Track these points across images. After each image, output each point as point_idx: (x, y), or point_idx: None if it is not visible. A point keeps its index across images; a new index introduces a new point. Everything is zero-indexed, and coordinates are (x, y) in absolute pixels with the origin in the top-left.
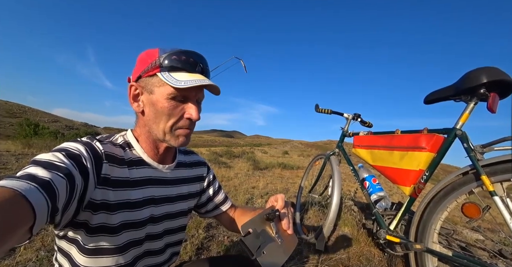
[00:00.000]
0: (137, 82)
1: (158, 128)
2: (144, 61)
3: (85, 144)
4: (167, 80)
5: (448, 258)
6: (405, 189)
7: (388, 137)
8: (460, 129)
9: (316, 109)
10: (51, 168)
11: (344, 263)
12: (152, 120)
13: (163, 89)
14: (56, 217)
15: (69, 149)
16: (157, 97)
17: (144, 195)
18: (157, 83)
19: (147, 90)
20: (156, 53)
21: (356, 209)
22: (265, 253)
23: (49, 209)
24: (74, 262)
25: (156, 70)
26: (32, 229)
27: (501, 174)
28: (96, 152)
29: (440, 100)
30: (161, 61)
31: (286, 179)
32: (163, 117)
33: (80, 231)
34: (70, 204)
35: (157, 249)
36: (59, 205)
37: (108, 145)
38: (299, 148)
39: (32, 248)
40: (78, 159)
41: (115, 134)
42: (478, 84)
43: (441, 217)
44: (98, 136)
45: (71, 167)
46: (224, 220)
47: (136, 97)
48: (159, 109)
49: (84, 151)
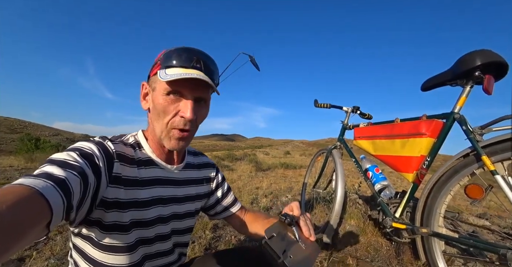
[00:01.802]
0: (147, 82)
1: (157, 127)
2: (154, 61)
3: (98, 143)
4: (159, 76)
5: (455, 240)
6: (408, 175)
7: (388, 126)
8: (458, 113)
9: (315, 104)
10: (66, 167)
11: (352, 255)
12: (155, 118)
13: (160, 85)
14: (71, 214)
15: (82, 149)
16: (156, 94)
17: (152, 195)
18: (157, 81)
19: (152, 88)
20: (162, 53)
21: (361, 201)
22: (292, 257)
23: (64, 206)
24: (89, 257)
25: (157, 68)
26: (50, 225)
27: (501, 153)
28: (108, 151)
29: (437, 86)
30: (160, 59)
31: (289, 178)
32: (160, 114)
33: (94, 228)
34: (84, 201)
35: (167, 249)
36: (73, 202)
37: (119, 144)
38: (301, 147)
39: (41, 257)
40: (91, 158)
41: (126, 134)
42: (473, 67)
43: (445, 200)
44: (110, 136)
45: (84, 166)
46: (234, 222)
47: (146, 96)
48: (156, 106)
49: (96, 150)
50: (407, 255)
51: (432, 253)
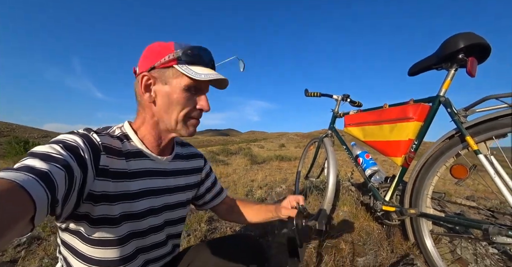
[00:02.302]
0: (150, 73)
1: (170, 118)
2: (158, 53)
3: (82, 135)
4: (186, 72)
5: (442, 220)
6: (397, 159)
7: (377, 112)
8: (443, 96)
9: (305, 93)
10: (48, 160)
11: (345, 240)
12: (164, 110)
13: (179, 80)
14: (56, 208)
15: (66, 141)
16: (173, 88)
17: (142, 186)
18: (173, 75)
19: (162, 81)
20: (171, 46)
21: (353, 188)
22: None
23: (49, 200)
24: (78, 253)
25: (173, 62)
26: (34, 220)
27: (484, 133)
28: (94, 143)
29: (423, 71)
30: (180, 54)
31: (284, 170)
32: (177, 107)
33: (82, 222)
34: (70, 195)
35: (161, 241)
36: (58, 196)
37: (105, 136)
38: (295, 139)
39: (35, 258)
40: (76, 150)
41: (112, 126)
42: (456, 50)
43: (432, 182)
44: (95, 128)
45: (69, 159)
46: (221, 211)
47: (148, 87)
48: (174, 100)
49: (81, 142)
50: (397, 237)
51: (421, 233)
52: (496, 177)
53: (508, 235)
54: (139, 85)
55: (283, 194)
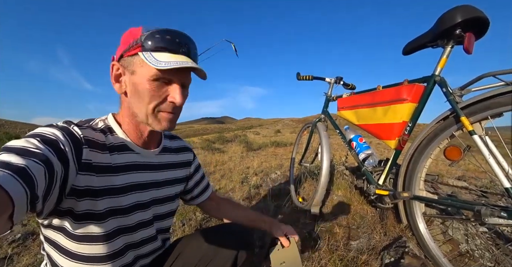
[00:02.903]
0: (119, 62)
1: (141, 111)
2: (126, 40)
3: (62, 128)
4: (147, 60)
5: (434, 202)
6: (390, 142)
7: (370, 94)
8: (438, 75)
9: (297, 77)
10: (25, 155)
11: (340, 224)
12: (135, 102)
13: (144, 70)
14: (37, 204)
15: (44, 134)
16: (139, 78)
17: (128, 181)
18: (139, 64)
19: (129, 71)
20: (139, 31)
21: (348, 173)
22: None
23: (28, 196)
24: (63, 249)
25: (138, 49)
26: (12, 217)
27: (479, 113)
28: (75, 136)
29: (419, 49)
30: (143, 40)
31: (280, 156)
32: (145, 99)
33: (66, 218)
34: (51, 191)
35: (151, 235)
36: (38, 192)
37: (87, 129)
38: (291, 125)
39: (30, 254)
40: (55, 144)
41: (95, 119)
42: (453, 25)
43: (425, 164)
44: (76, 120)
45: (47, 153)
46: (209, 208)
47: (118, 77)
48: (140, 91)
49: (61, 135)
50: (391, 220)
51: (413, 216)
52: (490, 157)
53: (500, 216)
54: (110, 75)
55: (278, 180)
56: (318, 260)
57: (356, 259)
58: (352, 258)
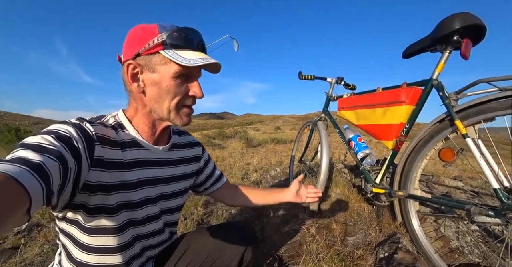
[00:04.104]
0: (135, 60)
1: (162, 108)
2: (141, 38)
3: (75, 125)
4: (174, 58)
5: (428, 200)
6: (388, 143)
7: (370, 95)
8: (436, 79)
9: (299, 76)
10: (41, 151)
11: (337, 220)
12: (155, 100)
13: (167, 67)
14: (52, 199)
15: (58, 131)
16: (162, 76)
17: (139, 176)
18: (160, 62)
19: (149, 69)
20: (155, 29)
21: (346, 171)
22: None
23: (43, 191)
24: (77, 241)
25: (159, 47)
26: (30, 211)
27: (473, 117)
28: (87, 133)
29: (418, 53)
30: (164, 38)
31: (279, 153)
32: (168, 96)
33: (79, 212)
34: (65, 186)
35: (158, 229)
36: (53, 187)
37: (99, 126)
38: (291, 122)
39: (36, 244)
40: (69, 141)
41: (106, 115)
42: (451, 31)
43: (421, 165)
44: (88, 117)
45: (62, 149)
46: (221, 195)
47: (135, 76)
48: (164, 88)
49: (74, 132)
50: (386, 217)
51: (408, 213)
52: (481, 159)
53: (488, 215)
54: (125, 74)
55: (277, 177)
56: (316, 255)
57: (352, 254)
58: (348, 253)
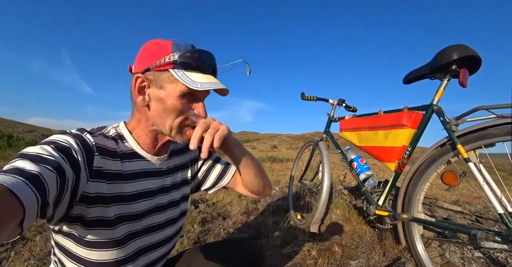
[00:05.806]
0: (144, 74)
1: (165, 125)
2: (154, 53)
3: (75, 136)
4: (182, 80)
5: (432, 224)
6: (390, 165)
7: (372, 118)
8: (436, 105)
9: (302, 97)
10: (39, 161)
11: (338, 243)
12: (159, 116)
13: (175, 86)
14: (47, 211)
15: (58, 142)
16: (168, 94)
17: (138, 188)
18: (168, 79)
19: (156, 85)
20: (169, 47)
21: (346, 192)
22: None
23: (39, 203)
24: (73, 255)
25: (169, 66)
26: (22, 224)
27: (474, 142)
28: (87, 144)
29: (418, 79)
30: (176, 58)
31: (276, 172)
32: (172, 114)
33: (76, 225)
34: (62, 198)
35: (158, 241)
36: (49, 199)
37: (99, 137)
38: (287, 141)
39: (20, 259)
40: (68, 151)
41: (107, 126)
42: (450, 61)
43: (424, 187)
44: (89, 128)
45: (60, 160)
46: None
47: (142, 89)
48: (168, 106)
49: (74, 143)
50: (389, 240)
51: (412, 237)
52: (484, 184)
53: (495, 240)
54: (133, 86)
55: (276, 196)
56: None
57: None
58: None
